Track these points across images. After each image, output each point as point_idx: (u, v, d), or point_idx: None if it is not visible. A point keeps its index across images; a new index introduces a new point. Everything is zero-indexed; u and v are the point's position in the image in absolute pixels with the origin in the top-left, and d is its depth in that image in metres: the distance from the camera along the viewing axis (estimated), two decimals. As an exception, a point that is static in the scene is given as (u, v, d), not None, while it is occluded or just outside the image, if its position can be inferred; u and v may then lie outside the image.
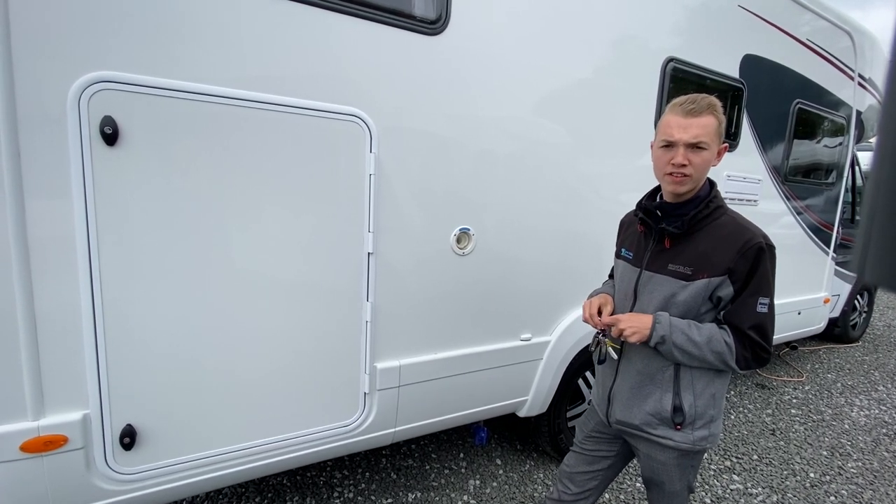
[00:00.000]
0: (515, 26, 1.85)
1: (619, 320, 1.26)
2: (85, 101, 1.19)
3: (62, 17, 1.16)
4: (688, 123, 1.18)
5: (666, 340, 1.21)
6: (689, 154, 1.19)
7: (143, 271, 1.33)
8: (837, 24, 3.21)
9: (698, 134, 1.17)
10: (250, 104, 1.40)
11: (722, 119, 1.22)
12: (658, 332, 1.21)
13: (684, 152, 1.19)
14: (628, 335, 1.24)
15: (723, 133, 1.23)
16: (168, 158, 1.32)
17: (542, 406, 2.28)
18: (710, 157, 1.20)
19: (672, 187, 1.25)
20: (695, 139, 1.18)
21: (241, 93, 1.38)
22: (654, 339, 1.22)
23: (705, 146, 1.18)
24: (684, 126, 1.19)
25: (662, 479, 1.35)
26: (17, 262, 1.18)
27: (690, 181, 1.21)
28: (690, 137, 1.18)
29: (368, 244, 1.66)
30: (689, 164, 1.19)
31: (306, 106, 1.49)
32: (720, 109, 1.22)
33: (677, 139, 1.19)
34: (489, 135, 1.88)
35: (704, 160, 1.19)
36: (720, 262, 1.19)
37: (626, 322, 1.24)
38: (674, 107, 1.23)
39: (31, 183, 1.18)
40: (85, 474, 1.34)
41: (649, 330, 1.22)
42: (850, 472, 2.68)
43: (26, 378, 1.24)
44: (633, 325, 1.23)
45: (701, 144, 1.18)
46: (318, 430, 1.70)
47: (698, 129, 1.17)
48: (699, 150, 1.18)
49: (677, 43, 2.36)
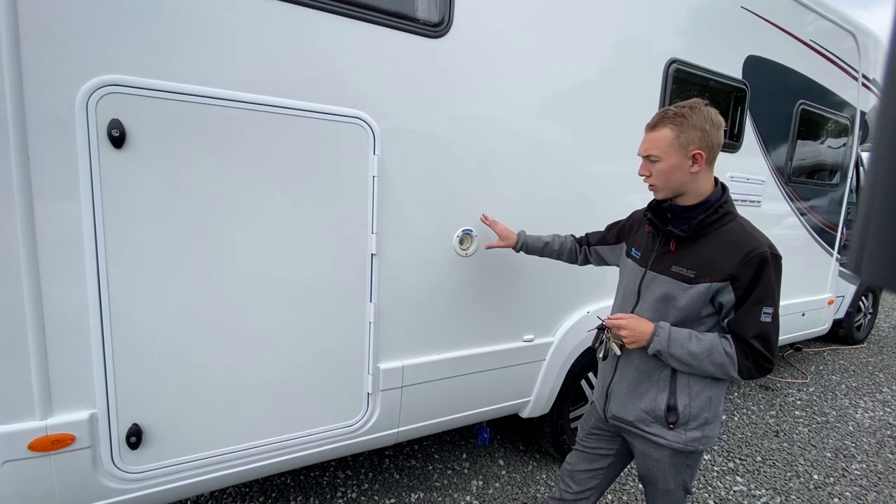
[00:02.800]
0: (517, 28, 1.86)
1: (623, 326, 1.28)
2: (93, 105, 1.21)
3: (70, 22, 1.18)
4: (644, 138, 1.31)
5: (662, 353, 1.24)
6: (649, 165, 1.29)
7: (149, 272, 1.35)
8: (841, 25, 3.20)
9: (647, 148, 1.28)
10: (255, 107, 1.41)
11: (684, 129, 1.21)
12: (654, 346, 1.25)
13: (644, 164, 1.31)
14: (628, 343, 1.28)
15: (691, 141, 1.21)
16: (174, 161, 1.33)
17: (544, 407, 2.29)
18: (666, 167, 1.25)
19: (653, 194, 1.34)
20: (645, 153, 1.30)
21: (245, 96, 1.40)
22: (650, 350, 1.26)
23: (655, 158, 1.26)
24: (643, 140, 1.31)
25: (656, 477, 1.36)
26: (25, 263, 1.20)
27: (658, 189, 1.30)
28: (642, 151, 1.31)
29: (371, 245, 1.67)
30: (651, 175, 1.29)
31: (310, 108, 1.50)
32: (691, 118, 1.21)
33: (639, 153, 1.32)
34: (492, 136, 1.89)
35: (660, 171, 1.26)
36: (723, 268, 1.19)
37: (628, 330, 1.27)
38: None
39: (40, 184, 1.20)
40: (92, 473, 1.36)
41: (647, 340, 1.25)
42: (854, 474, 2.67)
43: (34, 378, 1.25)
44: (634, 333, 1.27)
45: (651, 157, 1.27)
46: (322, 431, 1.71)
47: (648, 143, 1.28)
48: (652, 161, 1.27)
49: (680, 44, 2.36)
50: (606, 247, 1.67)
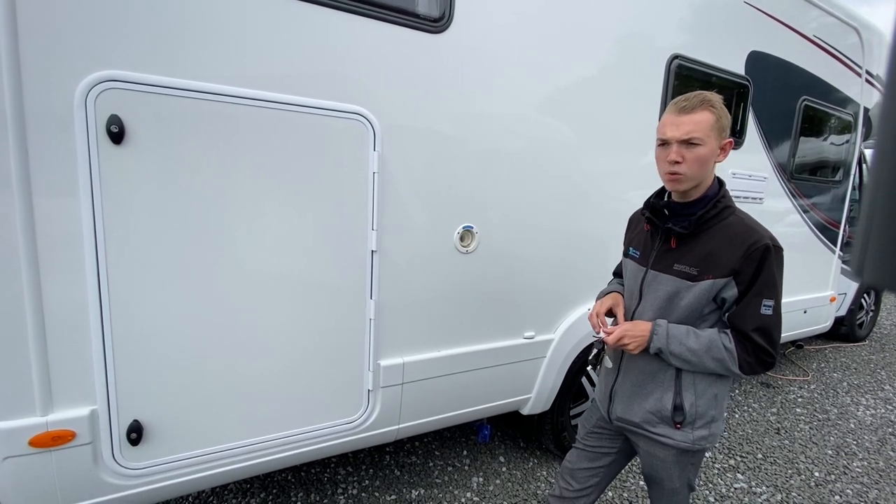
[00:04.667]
0: (519, 24, 1.85)
1: (622, 336, 1.26)
2: (92, 101, 1.20)
3: (69, 17, 1.17)
4: (680, 120, 1.17)
5: (663, 351, 1.23)
6: (683, 151, 1.17)
7: (149, 268, 1.34)
8: (845, 21, 3.18)
9: (690, 130, 1.15)
10: (255, 103, 1.41)
11: (721, 114, 1.18)
12: (655, 344, 1.24)
13: (677, 149, 1.17)
14: (631, 349, 1.26)
15: (725, 128, 1.19)
16: (174, 157, 1.33)
17: (545, 404, 2.29)
18: (706, 153, 1.16)
19: (671, 186, 1.25)
20: (686, 135, 1.16)
21: (245, 91, 1.39)
22: (651, 349, 1.25)
23: (699, 142, 1.16)
24: (677, 123, 1.18)
25: (662, 477, 1.35)
26: (25, 260, 1.20)
27: (686, 179, 1.19)
28: (682, 134, 1.16)
29: (372, 242, 1.67)
30: (682, 162, 1.17)
31: (310, 104, 1.49)
32: (719, 104, 1.19)
33: (670, 137, 1.18)
34: (493, 132, 1.88)
35: (699, 157, 1.16)
36: (726, 264, 1.18)
37: (627, 338, 1.26)
38: (670, 106, 1.23)
39: (39, 181, 1.19)
40: (92, 469, 1.36)
41: (647, 339, 1.24)
42: (855, 472, 2.66)
43: (35, 374, 1.25)
44: (634, 338, 1.25)
45: (693, 140, 1.16)
46: (323, 427, 1.71)
47: (690, 125, 1.16)
48: (692, 146, 1.16)
49: (682, 40, 2.34)
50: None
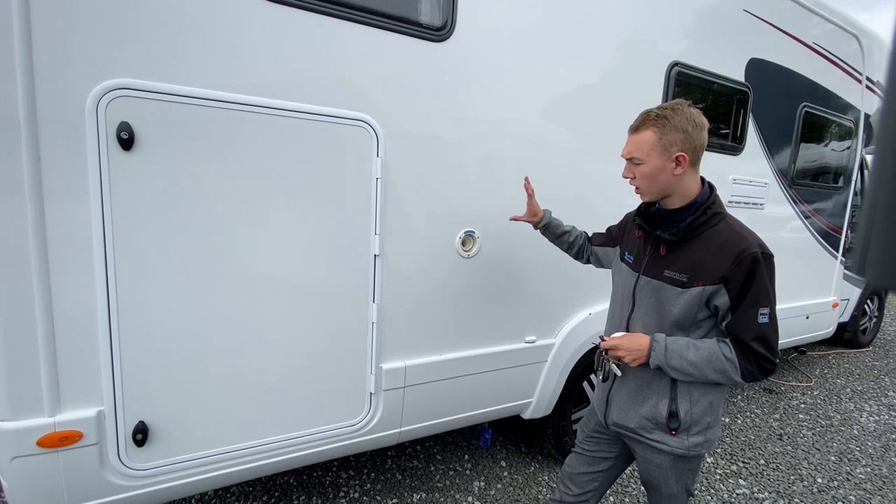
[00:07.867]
0: (520, 32, 1.88)
1: (618, 346, 1.29)
2: (103, 108, 1.24)
3: (81, 26, 1.20)
4: (627, 140, 1.30)
5: (662, 366, 1.24)
6: (632, 168, 1.29)
7: (156, 272, 1.37)
8: (844, 28, 3.20)
9: (630, 150, 1.28)
10: (260, 110, 1.44)
11: (666, 132, 1.20)
12: (653, 360, 1.25)
13: (627, 166, 1.31)
14: (629, 361, 1.28)
15: (672, 143, 1.20)
16: (182, 163, 1.36)
17: (546, 408, 2.29)
18: (648, 170, 1.24)
19: (640, 197, 1.34)
20: (628, 155, 1.29)
21: (251, 99, 1.42)
22: (651, 365, 1.26)
23: (638, 161, 1.26)
24: (626, 142, 1.30)
25: (659, 482, 1.36)
26: (36, 263, 1.22)
27: (645, 192, 1.30)
28: (625, 153, 1.30)
29: (375, 246, 1.69)
30: (635, 178, 1.29)
31: (315, 111, 1.52)
32: (673, 120, 1.19)
33: (622, 155, 1.32)
34: (494, 139, 1.90)
35: (643, 174, 1.26)
36: (715, 271, 1.19)
37: (624, 350, 1.28)
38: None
39: (50, 185, 1.22)
40: (98, 470, 1.38)
41: (646, 354, 1.25)
42: (858, 478, 2.65)
43: (43, 375, 1.28)
44: (632, 350, 1.27)
45: (634, 160, 1.27)
46: (325, 430, 1.72)
47: (631, 146, 1.28)
48: (636, 164, 1.27)
49: (682, 47, 2.37)
50: (604, 248, 1.67)
